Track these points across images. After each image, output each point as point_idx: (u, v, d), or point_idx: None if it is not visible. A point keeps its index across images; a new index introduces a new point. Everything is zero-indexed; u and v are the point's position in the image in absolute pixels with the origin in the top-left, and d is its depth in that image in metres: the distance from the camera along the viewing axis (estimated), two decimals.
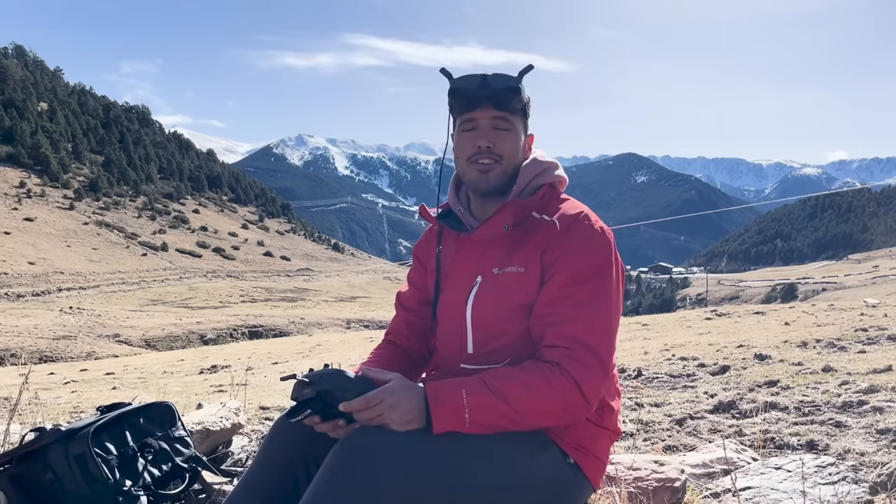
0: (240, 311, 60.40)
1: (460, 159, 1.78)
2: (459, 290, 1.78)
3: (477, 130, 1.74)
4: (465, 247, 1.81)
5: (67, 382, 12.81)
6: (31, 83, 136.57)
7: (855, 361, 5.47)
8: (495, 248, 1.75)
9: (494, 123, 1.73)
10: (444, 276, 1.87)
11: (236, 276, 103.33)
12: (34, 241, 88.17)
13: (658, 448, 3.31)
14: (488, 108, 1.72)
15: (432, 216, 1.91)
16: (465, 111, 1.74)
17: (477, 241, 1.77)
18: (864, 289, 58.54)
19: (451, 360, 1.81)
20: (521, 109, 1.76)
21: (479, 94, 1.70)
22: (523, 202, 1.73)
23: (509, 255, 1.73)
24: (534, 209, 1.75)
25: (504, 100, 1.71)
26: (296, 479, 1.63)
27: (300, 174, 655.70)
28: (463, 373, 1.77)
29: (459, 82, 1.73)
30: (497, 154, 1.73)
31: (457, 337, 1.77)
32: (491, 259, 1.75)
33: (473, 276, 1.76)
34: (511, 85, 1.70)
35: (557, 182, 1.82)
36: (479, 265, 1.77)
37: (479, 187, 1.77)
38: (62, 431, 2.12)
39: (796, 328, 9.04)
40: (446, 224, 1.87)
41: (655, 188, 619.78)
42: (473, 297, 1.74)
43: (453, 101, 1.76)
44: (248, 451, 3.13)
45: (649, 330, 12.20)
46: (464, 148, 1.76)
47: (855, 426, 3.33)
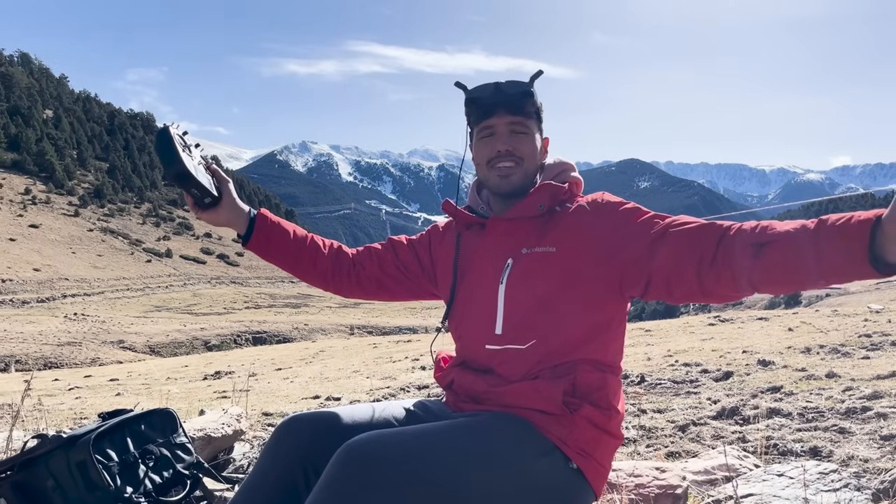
0: (244, 317, 60.46)
1: (481, 165, 1.82)
2: (489, 272, 1.79)
3: (495, 136, 1.78)
4: (490, 232, 1.83)
5: (71, 389, 12.82)
6: (37, 90, 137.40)
7: (859, 367, 5.45)
8: (524, 229, 1.78)
9: (512, 128, 1.77)
10: (465, 269, 1.88)
11: (240, 282, 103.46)
12: (39, 248, 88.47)
13: (660, 454, 3.30)
14: (504, 114, 1.76)
15: (456, 207, 1.92)
16: (483, 119, 1.79)
17: (506, 221, 1.80)
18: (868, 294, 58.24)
19: (477, 342, 1.80)
20: (536, 113, 1.80)
21: (494, 101, 1.75)
22: (556, 185, 1.79)
23: (539, 235, 1.76)
24: (563, 195, 1.80)
25: (519, 104, 1.75)
26: (295, 487, 1.62)
27: (304, 180, 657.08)
28: (482, 357, 1.78)
29: (475, 92, 1.78)
30: (518, 156, 1.77)
31: (484, 319, 1.78)
32: (520, 241, 1.77)
33: (504, 257, 1.78)
34: (524, 90, 1.75)
35: (574, 183, 1.86)
36: (507, 247, 1.79)
37: (501, 189, 1.80)
38: (63, 438, 2.13)
39: (800, 334, 9.01)
40: (476, 214, 1.90)
41: (659, 194, 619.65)
42: (507, 277, 1.75)
43: (470, 111, 1.81)
44: (250, 457, 3.13)
45: (652, 336, 12.17)
46: (483, 154, 1.80)
47: (859, 432, 3.32)
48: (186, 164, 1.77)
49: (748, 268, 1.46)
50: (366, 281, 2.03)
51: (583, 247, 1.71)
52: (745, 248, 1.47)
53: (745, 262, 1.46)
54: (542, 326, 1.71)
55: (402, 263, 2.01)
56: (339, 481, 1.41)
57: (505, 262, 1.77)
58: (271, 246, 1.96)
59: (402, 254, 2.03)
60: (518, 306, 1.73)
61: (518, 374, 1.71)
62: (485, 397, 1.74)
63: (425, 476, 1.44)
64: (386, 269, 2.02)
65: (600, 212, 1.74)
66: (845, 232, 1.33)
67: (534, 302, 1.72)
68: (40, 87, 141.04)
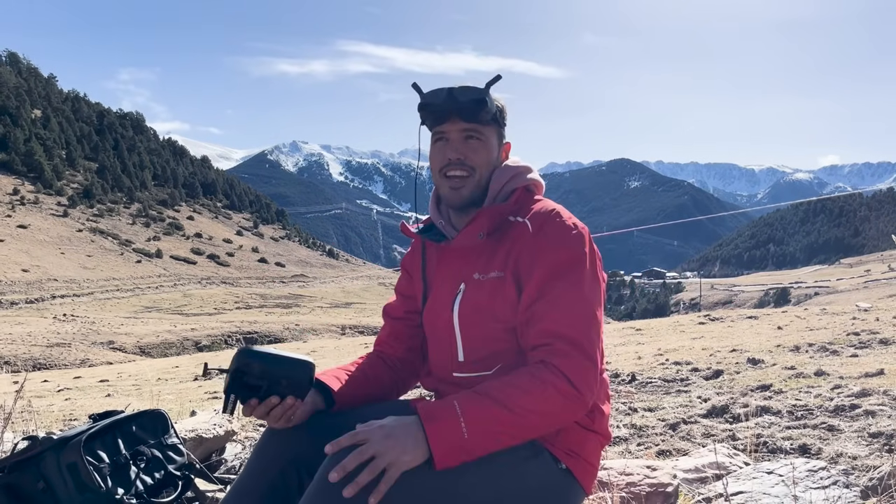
0: (234, 317, 60.22)
1: (435, 172, 1.80)
2: (444, 299, 1.78)
3: (447, 143, 1.75)
4: (446, 256, 1.82)
5: (61, 390, 12.75)
6: (25, 90, 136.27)
7: (847, 365, 5.49)
8: (475, 254, 1.76)
9: (464, 135, 1.74)
10: (429, 286, 1.87)
11: (231, 282, 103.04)
12: (28, 249, 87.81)
13: (651, 453, 3.32)
14: (457, 120, 1.73)
15: (412, 231, 1.90)
16: (435, 125, 1.76)
17: (456, 249, 1.78)
18: (856, 293, 58.69)
19: (444, 369, 1.81)
20: (493, 119, 1.76)
21: (446, 107, 1.71)
22: (496, 208, 1.74)
23: (489, 260, 1.73)
24: (508, 214, 1.76)
25: (472, 112, 1.71)
26: (287, 487, 1.62)
27: (295, 180, 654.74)
28: (455, 381, 1.77)
29: (427, 97, 1.74)
30: (469, 166, 1.74)
31: (446, 345, 1.77)
32: (472, 265, 1.75)
33: (457, 283, 1.76)
34: (477, 97, 1.70)
35: (532, 185, 1.82)
36: (461, 272, 1.77)
37: (452, 203, 1.78)
38: (54, 440, 2.12)
39: (789, 332, 9.07)
40: (427, 237, 1.87)
41: (649, 193, 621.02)
42: (458, 304, 1.74)
43: (424, 116, 1.78)
44: (242, 458, 3.12)
45: (643, 335, 12.22)
46: (436, 160, 1.78)
47: (847, 430, 3.35)
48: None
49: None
50: (415, 358, 1.98)
51: (518, 269, 1.69)
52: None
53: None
54: (504, 353, 1.70)
55: (412, 321, 1.96)
56: (331, 484, 1.41)
57: (458, 287, 1.76)
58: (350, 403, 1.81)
59: (402, 311, 1.98)
60: (474, 333, 1.72)
61: None
62: None
63: (418, 479, 1.44)
64: (412, 335, 1.97)
65: (536, 238, 1.69)
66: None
67: (490, 328, 1.70)
68: (28, 87, 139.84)
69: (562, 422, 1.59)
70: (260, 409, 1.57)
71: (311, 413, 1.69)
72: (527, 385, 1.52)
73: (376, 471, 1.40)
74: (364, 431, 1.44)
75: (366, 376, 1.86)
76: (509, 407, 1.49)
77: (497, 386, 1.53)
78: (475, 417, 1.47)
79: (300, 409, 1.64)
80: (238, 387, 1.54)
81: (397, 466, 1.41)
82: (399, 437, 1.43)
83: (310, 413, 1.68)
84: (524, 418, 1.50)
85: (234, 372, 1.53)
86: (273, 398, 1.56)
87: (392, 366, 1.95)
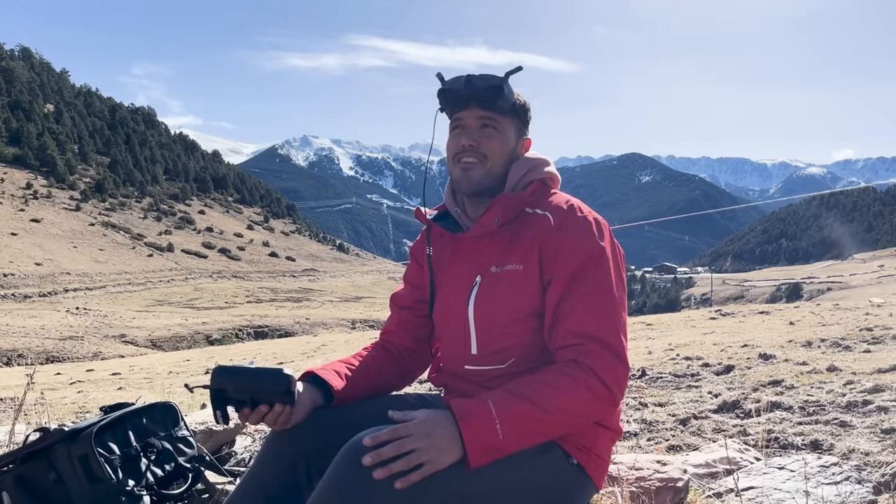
0: (245, 311, 60.57)
1: (449, 160, 1.79)
2: (459, 291, 1.77)
3: (463, 130, 1.74)
4: (461, 246, 1.80)
5: (73, 383, 12.87)
6: (38, 85, 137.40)
7: (860, 361, 5.45)
8: (491, 245, 1.74)
9: (481, 123, 1.73)
10: (441, 276, 1.86)
11: (242, 276, 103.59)
12: (41, 242, 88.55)
13: (661, 448, 3.31)
14: (475, 107, 1.72)
15: (426, 218, 1.89)
16: (454, 112, 1.76)
17: (472, 238, 1.76)
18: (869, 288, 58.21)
19: (455, 362, 1.80)
20: (511, 110, 1.75)
21: (464, 94, 1.70)
22: (513, 196, 1.72)
23: (506, 252, 1.72)
24: (525, 204, 1.74)
25: (489, 99, 1.70)
26: (297, 480, 1.62)
27: (305, 175, 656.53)
28: (466, 374, 1.77)
29: (447, 84, 1.74)
30: (482, 153, 1.73)
31: (460, 338, 1.76)
32: (488, 257, 1.74)
33: (473, 275, 1.75)
34: (494, 83, 1.69)
35: (549, 178, 1.81)
36: (477, 264, 1.75)
37: (461, 186, 1.77)
38: (65, 431, 2.13)
39: (801, 328, 9.01)
40: (441, 225, 1.86)
41: (660, 188, 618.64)
42: (474, 297, 1.73)
43: (443, 103, 1.77)
44: (252, 450, 3.13)
45: (654, 330, 12.19)
46: (451, 147, 1.77)
47: (860, 426, 3.32)
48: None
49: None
50: (422, 349, 1.98)
51: (542, 263, 1.68)
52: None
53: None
54: (518, 347, 1.70)
55: (421, 310, 1.95)
56: (346, 480, 1.41)
57: (473, 280, 1.74)
58: (353, 397, 1.80)
59: (411, 300, 1.97)
60: (490, 326, 1.71)
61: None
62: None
63: (430, 476, 1.43)
64: (420, 325, 1.96)
65: (559, 234, 1.67)
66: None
67: (505, 321, 1.69)
68: (41, 82, 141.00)
69: (590, 421, 1.62)
70: (253, 416, 1.60)
71: (311, 411, 1.68)
72: (561, 385, 1.53)
73: (412, 464, 1.41)
74: (405, 426, 1.45)
75: (368, 368, 1.86)
76: (543, 407, 1.50)
77: (530, 385, 1.54)
78: (509, 416, 1.48)
79: (296, 411, 1.64)
80: (220, 403, 1.61)
81: (434, 465, 1.43)
82: (437, 437, 1.45)
83: (309, 411, 1.68)
84: (556, 417, 1.52)
85: (213, 391, 1.60)
86: (262, 407, 1.59)
87: (398, 356, 1.94)
